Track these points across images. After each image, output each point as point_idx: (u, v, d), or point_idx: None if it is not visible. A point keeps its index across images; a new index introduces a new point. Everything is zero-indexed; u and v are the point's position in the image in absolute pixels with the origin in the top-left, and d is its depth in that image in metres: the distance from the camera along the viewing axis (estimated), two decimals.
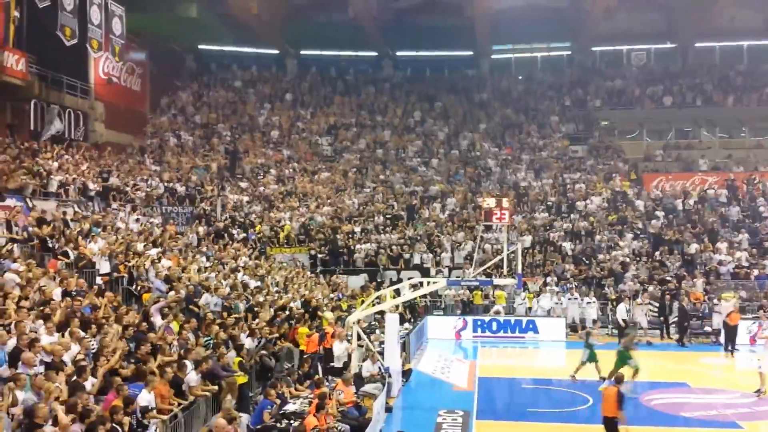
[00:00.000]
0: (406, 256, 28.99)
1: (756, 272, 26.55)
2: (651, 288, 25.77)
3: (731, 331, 22.41)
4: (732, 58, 43.30)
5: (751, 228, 29.68)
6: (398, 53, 46.56)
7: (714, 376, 19.96)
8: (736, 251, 27.81)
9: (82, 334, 12.03)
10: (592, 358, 17.55)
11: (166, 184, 30.00)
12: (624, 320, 23.39)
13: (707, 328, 24.16)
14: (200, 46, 45.43)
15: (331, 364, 16.30)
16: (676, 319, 24.48)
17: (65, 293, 13.83)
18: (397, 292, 18.99)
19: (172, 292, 16.82)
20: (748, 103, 39.23)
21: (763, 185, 32.71)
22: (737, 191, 32.70)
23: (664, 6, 41.84)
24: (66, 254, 16.45)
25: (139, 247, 18.96)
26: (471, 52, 45.94)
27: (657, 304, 25.01)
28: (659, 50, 44.68)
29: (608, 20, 39.43)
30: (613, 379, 12.53)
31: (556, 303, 25.51)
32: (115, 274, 16.92)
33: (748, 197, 32.18)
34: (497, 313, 25.40)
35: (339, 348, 16.42)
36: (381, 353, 16.50)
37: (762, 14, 40.86)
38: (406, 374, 17.63)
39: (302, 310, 19.50)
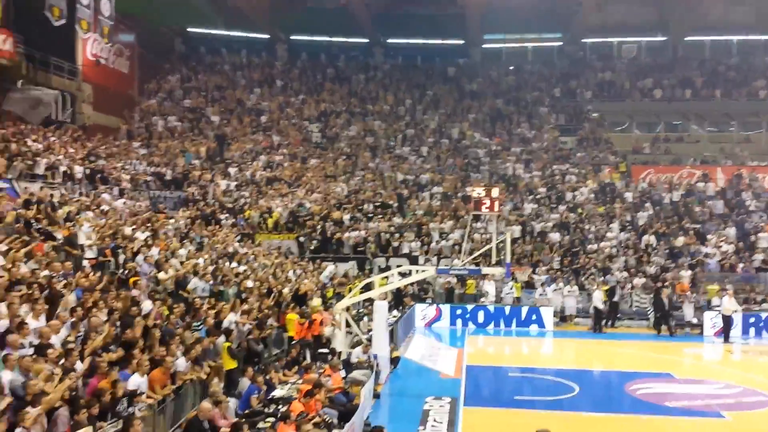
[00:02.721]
0: (395, 244, 28.95)
1: (741, 265, 26.78)
2: (636, 280, 25.99)
3: (727, 322, 22.74)
4: (722, 53, 43.50)
5: (738, 222, 29.89)
6: (389, 41, 46.33)
7: (698, 366, 20.20)
8: (722, 244, 28.02)
9: (69, 317, 11.94)
10: None
11: (153, 168, 29.82)
12: (596, 307, 23.98)
13: (694, 320, 24.36)
14: (189, 29, 44.96)
15: (320, 350, 16.29)
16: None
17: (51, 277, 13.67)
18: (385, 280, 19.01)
19: (161, 274, 16.75)
20: (737, 98, 39.44)
21: (751, 180, 32.95)
22: (720, 185, 32.91)
23: None
24: (53, 237, 16.29)
25: (127, 231, 18.83)
26: (462, 41, 45.86)
27: (645, 296, 25.30)
28: (650, 43, 44.77)
29: (600, 12, 39.46)
30: None
31: (541, 294, 25.65)
32: (101, 258, 16.76)
33: (734, 192, 32.37)
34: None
35: (336, 334, 16.51)
36: (369, 340, 16.52)
37: (753, 9, 41.01)
38: (394, 361, 17.66)
39: (291, 297, 19.50)
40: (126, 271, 16.46)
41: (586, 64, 44.56)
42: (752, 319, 23.73)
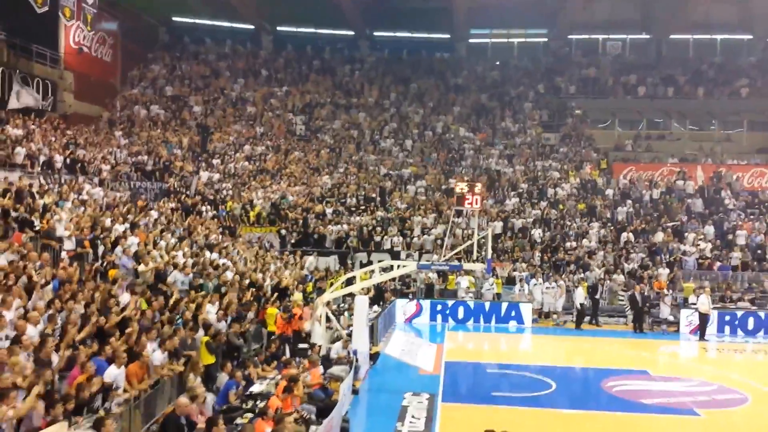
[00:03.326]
0: (377, 238, 28.96)
1: (719, 263, 27.08)
2: (615, 276, 26.22)
3: (703, 320, 23.00)
4: (705, 52, 43.83)
5: (716, 220, 30.21)
6: (375, 33, 46.26)
7: (674, 363, 20.45)
8: (700, 242, 28.30)
9: (45, 308, 11.86)
10: None
11: (134, 158, 29.57)
12: (581, 304, 24.15)
13: (671, 318, 24.59)
14: (174, 18, 44.56)
15: (299, 345, 16.30)
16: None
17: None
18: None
19: (141, 266, 16.65)
20: (719, 97, 39.77)
21: (730, 178, 33.29)
22: (700, 183, 33.23)
23: None
24: (31, 227, 16.14)
25: (107, 222, 18.68)
26: (448, 36, 45.86)
27: (623, 293, 25.53)
28: (634, 41, 45.05)
29: (586, 8, 39.61)
30: None
31: (521, 290, 25.83)
32: (79, 249, 16.62)
33: (713, 190, 32.69)
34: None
35: (315, 329, 16.54)
36: (349, 336, 16.55)
37: (737, 8, 41.35)
38: (374, 357, 17.71)
39: (271, 291, 19.48)
40: (104, 263, 16.37)
41: (571, 60, 44.71)
42: (728, 317, 24.04)
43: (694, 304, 23.80)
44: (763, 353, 22.22)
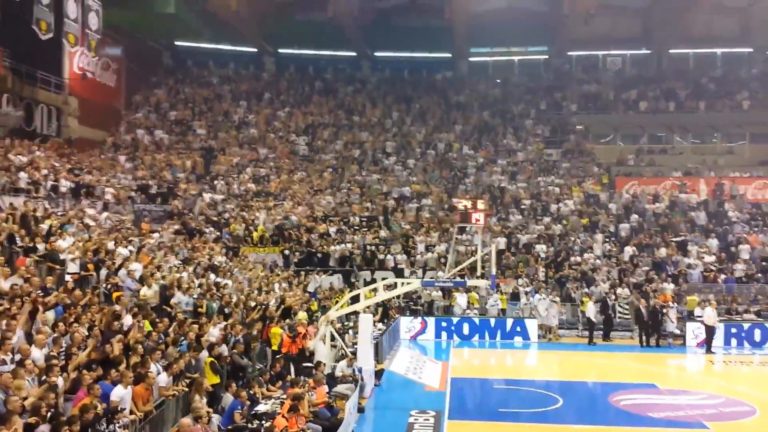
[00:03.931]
0: (381, 256, 28.96)
1: (723, 276, 26.98)
2: (619, 290, 26.13)
3: (709, 333, 22.89)
4: (706, 65, 43.99)
5: (720, 233, 30.14)
6: (377, 54, 46.63)
7: (681, 376, 20.33)
8: (705, 255, 28.22)
9: (50, 332, 11.89)
10: None
11: (138, 181, 29.74)
12: (589, 319, 24.16)
13: (677, 331, 24.46)
14: (177, 43, 44.98)
15: (304, 364, 16.27)
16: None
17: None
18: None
19: (144, 289, 16.70)
20: (721, 110, 39.83)
21: (734, 191, 33.25)
22: (703, 196, 33.20)
23: (640, 12, 42.39)
24: (35, 251, 16.23)
25: (110, 245, 18.75)
26: (449, 54, 46.18)
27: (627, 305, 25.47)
28: (634, 56, 45.32)
29: (585, 25, 39.88)
30: None
31: (525, 304, 25.75)
32: (82, 273, 16.67)
33: (717, 203, 32.65)
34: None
35: (319, 348, 16.55)
36: (354, 354, 16.52)
37: (736, 22, 41.56)
38: (378, 375, 17.65)
39: (276, 310, 19.46)
40: (108, 286, 16.42)
41: (572, 76, 44.94)
42: (734, 330, 23.93)
43: (699, 317, 23.69)
44: None
